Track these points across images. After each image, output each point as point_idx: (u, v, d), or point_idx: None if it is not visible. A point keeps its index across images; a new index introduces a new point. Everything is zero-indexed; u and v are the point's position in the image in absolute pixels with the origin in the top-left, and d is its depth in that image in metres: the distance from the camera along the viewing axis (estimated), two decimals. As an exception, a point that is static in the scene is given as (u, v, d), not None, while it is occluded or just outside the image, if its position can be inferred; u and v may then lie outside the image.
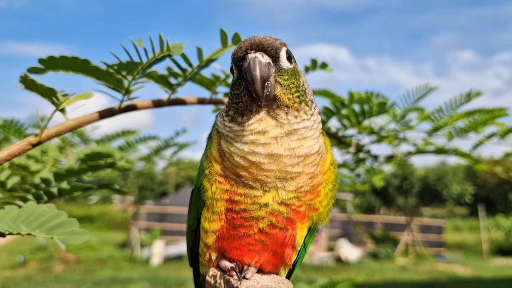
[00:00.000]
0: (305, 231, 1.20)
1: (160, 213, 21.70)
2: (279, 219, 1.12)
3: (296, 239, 1.18)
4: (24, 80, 1.20)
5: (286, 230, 1.15)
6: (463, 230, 28.85)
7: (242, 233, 1.14)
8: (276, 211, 1.11)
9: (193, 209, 1.32)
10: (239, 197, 1.11)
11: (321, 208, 1.17)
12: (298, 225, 1.16)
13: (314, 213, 1.16)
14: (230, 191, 1.12)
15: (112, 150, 2.14)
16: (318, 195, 1.15)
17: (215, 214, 1.15)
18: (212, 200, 1.15)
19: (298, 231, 1.17)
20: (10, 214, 1.18)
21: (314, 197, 1.14)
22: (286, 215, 1.12)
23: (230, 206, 1.12)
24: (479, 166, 2.46)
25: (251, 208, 1.11)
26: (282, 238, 1.16)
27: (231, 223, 1.14)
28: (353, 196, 21.18)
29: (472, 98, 2.23)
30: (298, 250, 1.22)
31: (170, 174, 32.91)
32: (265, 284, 1.11)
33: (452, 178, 20.85)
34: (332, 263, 17.69)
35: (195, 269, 1.45)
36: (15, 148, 1.27)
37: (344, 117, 2.10)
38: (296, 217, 1.14)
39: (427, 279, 15.60)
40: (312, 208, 1.15)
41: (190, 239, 1.39)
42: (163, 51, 1.24)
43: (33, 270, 15.05)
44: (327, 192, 1.17)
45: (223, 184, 1.12)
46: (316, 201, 1.15)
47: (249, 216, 1.12)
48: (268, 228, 1.13)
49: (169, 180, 36.62)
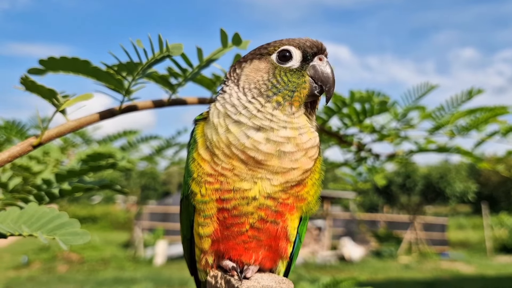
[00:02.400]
0: (296, 221, 1.20)
1: (163, 213, 21.72)
2: (268, 213, 1.13)
3: (288, 230, 1.18)
4: (24, 81, 1.20)
5: (277, 223, 1.15)
6: (467, 228, 28.80)
7: (235, 232, 1.14)
8: (264, 205, 1.11)
9: (184, 218, 1.33)
10: (228, 193, 1.11)
11: (309, 198, 1.17)
12: (288, 216, 1.16)
13: (303, 203, 1.17)
14: (219, 189, 1.12)
15: (113, 150, 2.15)
16: (305, 185, 1.15)
17: (207, 218, 1.16)
18: (202, 204, 1.15)
19: (289, 223, 1.17)
20: (11, 215, 1.18)
21: (301, 189, 1.14)
22: (274, 208, 1.13)
23: (220, 205, 1.13)
24: (481, 164, 2.46)
25: (240, 203, 1.11)
26: (274, 232, 1.16)
27: (223, 224, 1.14)
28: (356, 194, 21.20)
29: (473, 96, 2.22)
30: (293, 241, 1.22)
31: (173, 173, 32.92)
32: (265, 284, 1.11)
33: (455, 176, 20.84)
34: (335, 262, 17.68)
35: (196, 278, 1.45)
36: (15, 149, 1.27)
37: (345, 116, 2.10)
38: (285, 209, 1.14)
39: (430, 277, 15.59)
40: (300, 198, 1.15)
41: (187, 248, 1.39)
42: (162, 51, 1.24)
43: (36, 270, 15.09)
44: (314, 182, 1.18)
45: (212, 184, 1.12)
46: (303, 191, 1.15)
47: (238, 213, 1.12)
48: (259, 223, 1.13)
49: (172, 180, 36.64)
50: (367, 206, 28.50)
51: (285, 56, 1.16)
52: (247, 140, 1.09)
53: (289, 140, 1.10)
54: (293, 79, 1.14)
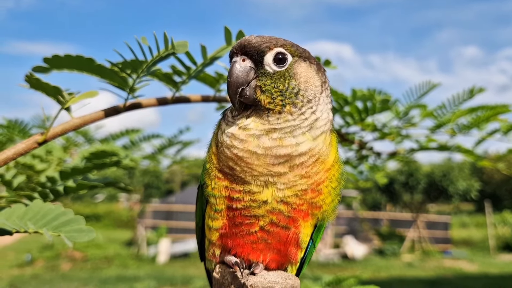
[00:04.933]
0: (310, 228, 1.18)
1: (166, 211, 21.73)
2: (280, 218, 1.11)
3: (299, 237, 1.16)
4: (29, 79, 1.21)
5: (289, 229, 1.14)
6: (470, 226, 28.70)
7: (244, 231, 1.14)
8: (277, 209, 1.10)
9: (198, 206, 1.33)
10: (238, 194, 1.10)
11: (325, 206, 1.15)
12: (301, 223, 1.14)
13: (318, 211, 1.15)
14: (229, 188, 1.11)
15: (117, 148, 2.16)
16: (321, 193, 1.13)
17: (217, 212, 1.15)
18: (213, 197, 1.15)
19: (301, 229, 1.15)
20: (17, 212, 1.19)
21: (315, 195, 1.12)
22: (287, 213, 1.11)
23: (230, 203, 1.12)
24: (481, 162, 2.46)
25: (250, 206, 1.10)
26: (285, 237, 1.15)
27: (232, 221, 1.14)
28: (358, 193, 21.12)
29: (475, 94, 2.22)
30: (304, 247, 1.21)
31: (176, 172, 32.91)
32: (272, 279, 1.11)
33: (458, 174, 20.76)
34: (338, 260, 17.67)
35: (205, 264, 1.46)
36: (21, 146, 1.28)
37: (347, 114, 2.10)
38: (298, 215, 1.13)
39: (433, 275, 15.56)
40: (315, 206, 1.13)
41: (198, 235, 1.39)
42: (167, 49, 1.25)
43: (40, 268, 15.13)
44: (330, 190, 1.15)
45: (222, 180, 1.12)
46: (318, 199, 1.13)
47: (249, 214, 1.11)
48: (269, 227, 1.12)
49: (175, 178, 36.66)
50: (370, 204, 28.43)
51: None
52: (224, 141, 1.12)
53: (242, 142, 1.09)
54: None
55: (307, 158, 1.09)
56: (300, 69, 1.15)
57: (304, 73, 1.15)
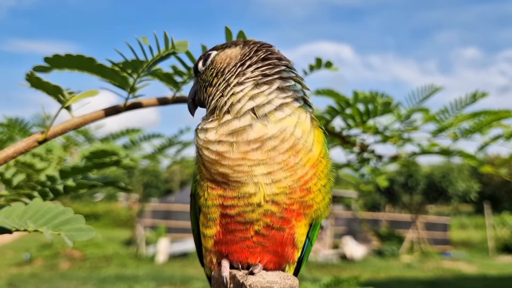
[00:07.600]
0: (304, 228, 1.17)
1: (165, 211, 21.75)
2: (273, 220, 1.10)
3: (295, 237, 1.15)
4: (30, 78, 1.21)
5: (283, 230, 1.13)
6: (469, 228, 28.74)
7: (239, 237, 1.13)
8: (269, 211, 1.08)
9: (192, 214, 1.32)
10: (232, 200, 1.09)
11: (316, 205, 1.13)
12: (295, 223, 1.13)
13: (310, 210, 1.13)
14: (223, 196, 1.10)
15: (117, 148, 2.15)
16: (310, 191, 1.11)
17: (211, 220, 1.14)
18: (206, 207, 1.14)
19: (296, 230, 1.14)
20: (16, 210, 1.19)
21: (305, 194, 1.10)
22: (280, 214, 1.10)
23: (224, 211, 1.11)
24: (484, 168, 2.44)
25: (244, 210, 1.09)
26: (280, 238, 1.14)
27: (225, 228, 1.13)
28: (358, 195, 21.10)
29: (477, 99, 2.21)
30: (300, 247, 1.20)
31: (175, 172, 32.94)
32: (270, 279, 1.11)
33: (457, 175, 20.78)
34: (337, 260, 17.68)
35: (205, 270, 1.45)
36: (21, 145, 1.28)
37: (349, 116, 2.09)
38: (291, 216, 1.11)
39: (432, 276, 15.57)
40: (306, 205, 1.12)
41: (196, 241, 1.39)
42: (168, 48, 1.24)
43: (39, 267, 15.13)
44: (320, 188, 1.13)
45: (215, 189, 1.11)
46: (308, 198, 1.11)
47: (243, 220, 1.10)
48: (264, 230, 1.11)
49: (174, 178, 36.66)
50: (369, 205, 28.45)
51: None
52: (202, 143, 1.14)
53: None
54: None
55: (278, 142, 1.07)
56: (220, 57, 1.20)
57: (224, 56, 1.20)
